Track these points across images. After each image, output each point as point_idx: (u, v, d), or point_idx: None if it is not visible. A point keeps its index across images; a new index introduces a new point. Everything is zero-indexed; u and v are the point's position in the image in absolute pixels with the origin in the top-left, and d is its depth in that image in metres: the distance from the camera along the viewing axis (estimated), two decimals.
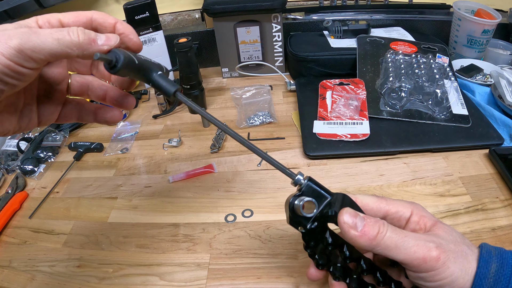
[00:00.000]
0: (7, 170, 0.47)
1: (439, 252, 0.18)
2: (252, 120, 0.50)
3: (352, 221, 0.20)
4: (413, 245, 0.19)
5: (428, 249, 0.19)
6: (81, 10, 0.22)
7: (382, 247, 0.19)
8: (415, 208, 0.22)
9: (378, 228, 0.19)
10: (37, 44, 0.17)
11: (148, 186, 0.41)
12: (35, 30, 0.18)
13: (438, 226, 0.21)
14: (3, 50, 0.17)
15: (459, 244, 0.20)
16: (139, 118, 0.56)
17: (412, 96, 0.46)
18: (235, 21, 0.57)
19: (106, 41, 0.19)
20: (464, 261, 0.19)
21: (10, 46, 0.17)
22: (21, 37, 0.17)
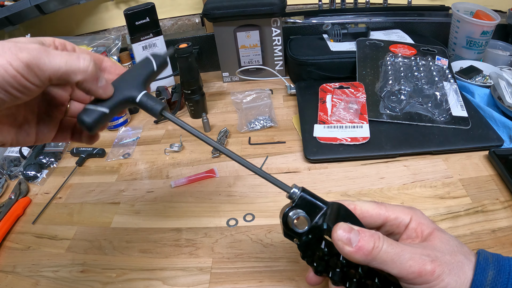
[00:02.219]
0: (10, 176, 0.47)
1: (434, 265, 0.19)
2: (252, 124, 0.50)
3: (346, 237, 0.20)
4: (408, 259, 0.19)
5: (423, 263, 0.19)
6: (81, 17, 0.23)
7: (378, 261, 0.19)
8: (414, 214, 0.22)
9: (374, 243, 0.19)
10: (46, 63, 0.18)
11: (150, 191, 0.42)
12: (47, 49, 0.18)
13: (435, 235, 0.21)
14: (12, 61, 0.17)
15: (455, 254, 0.20)
16: (141, 123, 0.56)
17: (411, 99, 0.47)
18: (235, 26, 0.58)
19: (105, 88, 0.21)
20: (460, 272, 0.19)
21: (20, 58, 0.17)
22: (32, 52, 0.18)
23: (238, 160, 0.22)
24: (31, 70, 0.18)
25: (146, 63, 0.23)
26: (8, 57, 0.17)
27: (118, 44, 0.64)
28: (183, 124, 0.23)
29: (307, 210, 0.22)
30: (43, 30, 0.72)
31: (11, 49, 0.17)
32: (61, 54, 0.19)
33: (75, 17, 0.71)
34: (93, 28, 0.74)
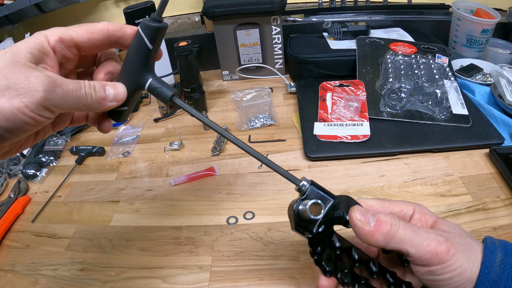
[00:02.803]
0: (9, 174, 0.47)
1: (448, 244, 0.19)
2: (252, 122, 0.50)
3: (364, 218, 0.20)
4: (425, 238, 0.19)
5: (438, 242, 0.19)
6: (80, 16, 0.22)
7: (397, 240, 0.19)
8: (417, 206, 0.23)
9: (391, 222, 0.20)
10: (60, 101, 0.18)
11: (150, 190, 0.42)
12: (59, 81, 0.18)
13: (440, 222, 0.22)
14: (29, 103, 0.17)
15: (464, 237, 0.20)
16: (140, 121, 0.56)
17: (412, 97, 0.46)
18: (235, 24, 0.58)
19: (114, 98, 0.21)
20: (471, 253, 0.19)
21: (36, 100, 0.17)
22: (46, 88, 0.18)
23: (248, 150, 0.22)
24: (47, 109, 0.18)
25: (139, 43, 0.21)
26: (24, 98, 0.17)
27: None
28: (192, 111, 0.22)
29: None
30: (42, 29, 0.71)
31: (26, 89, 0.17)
32: (73, 89, 0.19)
33: (75, 16, 0.71)
34: None
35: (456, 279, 0.19)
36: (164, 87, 0.22)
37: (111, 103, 0.21)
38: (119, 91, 0.21)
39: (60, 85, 0.18)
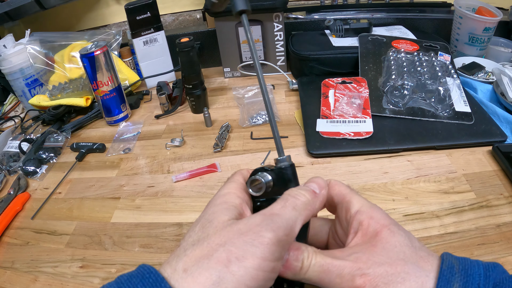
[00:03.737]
0: (9, 171, 0.47)
1: (364, 280, 0.17)
2: (254, 119, 0.50)
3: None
4: (336, 276, 0.18)
5: (351, 279, 0.17)
6: (81, 13, 0.20)
7: (307, 279, 0.18)
8: (366, 206, 0.20)
9: (302, 262, 0.18)
10: (287, 225, 0.17)
11: (151, 186, 0.41)
12: (270, 212, 0.17)
13: (381, 237, 0.18)
14: (262, 252, 0.15)
15: (399, 264, 0.17)
16: (141, 118, 0.56)
17: (414, 94, 0.46)
18: (236, 21, 0.57)
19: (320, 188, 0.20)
20: (402, 286, 0.16)
21: (265, 243, 0.16)
22: (270, 226, 0.16)
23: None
24: (282, 244, 0.16)
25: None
26: (254, 251, 0.15)
27: (119, 39, 0.64)
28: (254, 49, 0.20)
29: (278, 183, 0.20)
30: (43, 26, 0.71)
31: (246, 241, 0.15)
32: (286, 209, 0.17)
33: (76, 12, 0.71)
34: (93, 23, 0.73)
35: None
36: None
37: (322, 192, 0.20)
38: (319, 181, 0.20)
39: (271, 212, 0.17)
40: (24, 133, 0.54)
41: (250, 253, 0.15)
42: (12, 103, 0.64)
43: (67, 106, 0.55)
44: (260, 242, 0.15)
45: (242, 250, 0.15)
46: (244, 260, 0.15)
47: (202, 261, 0.15)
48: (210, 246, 0.16)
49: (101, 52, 0.49)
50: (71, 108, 0.57)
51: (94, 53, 0.48)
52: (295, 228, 0.17)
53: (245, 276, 0.15)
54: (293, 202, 0.18)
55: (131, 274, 0.16)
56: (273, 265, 0.16)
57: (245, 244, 0.16)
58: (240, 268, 0.15)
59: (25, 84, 0.58)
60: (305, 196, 0.19)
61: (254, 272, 0.15)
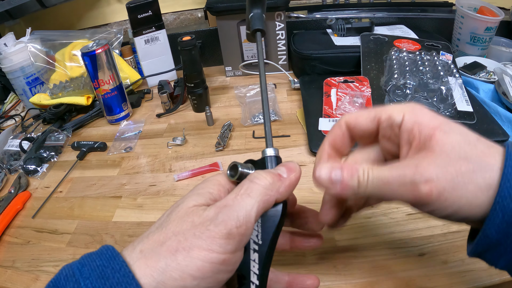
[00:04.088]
0: (10, 170, 0.46)
1: (428, 187, 0.16)
2: (256, 118, 0.50)
3: (327, 178, 0.18)
4: (397, 187, 0.16)
5: (414, 188, 0.16)
6: (82, 11, 0.20)
7: (370, 195, 0.18)
8: (409, 112, 0.18)
9: (357, 179, 0.17)
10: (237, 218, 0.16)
11: (152, 185, 0.41)
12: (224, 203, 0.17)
13: (435, 140, 0.17)
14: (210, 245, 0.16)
15: (462, 162, 0.16)
16: (143, 117, 0.56)
17: (416, 93, 0.46)
18: (238, 19, 0.57)
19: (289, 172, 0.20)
20: (469, 184, 0.16)
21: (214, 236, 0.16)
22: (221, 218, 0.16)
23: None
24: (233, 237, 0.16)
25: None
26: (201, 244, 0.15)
27: (120, 37, 0.64)
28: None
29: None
30: (44, 24, 0.71)
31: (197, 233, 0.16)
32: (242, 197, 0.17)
33: (77, 11, 0.71)
34: (94, 22, 0.73)
35: (453, 208, 0.16)
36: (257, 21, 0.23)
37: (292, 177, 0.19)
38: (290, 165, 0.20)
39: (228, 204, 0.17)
40: (25, 132, 0.54)
41: (197, 245, 0.16)
42: (13, 101, 0.64)
43: (68, 105, 0.55)
44: (207, 236, 0.16)
45: (190, 241, 0.16)
46: (190, 251, 0.15)
47: (156, 246, 0.16)
48: (166, 233, 0.17)
49: (103, 50, 0.48)
50: (72, 106, 0.56)
51: (96, 51, 0.48)
52: (250, 218, 0.17)
53: (190, 266, 0.15)
54: (248, 188, 0.18)
55: (92, 252, 0.17)
56: (223, 257, 0.16)
57: (194, 237, 0.16)
58: (186, 258, 0.15)
59: (25, 83, 0.58)
60: (265, 180, 0.18)
61: (200, 263, 0.15)
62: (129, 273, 0.15)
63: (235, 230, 0.16)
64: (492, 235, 0.16)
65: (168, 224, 0.17)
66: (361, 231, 0.32)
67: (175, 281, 0.15)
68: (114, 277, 0.15)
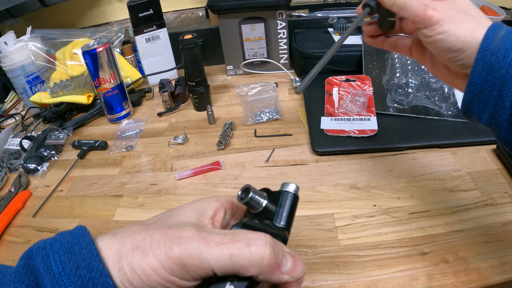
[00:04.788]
0: (10, 169, 0.46)
1: (433, 12, 0.22)
2: (258, 117, 0.49)
3: None
4: (416, 5, 0.23)
5: (425, 9, 0.22)
6: (83, 10, 0.20)
7: (396, 6, 0.23)
8: None
9: None
10: (203, 260, 0.15)
11: (154, 184, 0.41)
12: (206, 236, 0.16)
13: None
14: (164, 260, 0.15)
15: (463, 13, 0.22)
16: (144, 115, 0.55)
17: (418, 92, 0.46)
18: (240, 18, 0.57)
19: (291, 271, 0.16)
20: (466, 24, 0.22)
21: (172, 257, 0.15)
22: (187, 247, 0.15)
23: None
24: (187, 270, 0.15)
25: None
26: (158, 255, 0.15)
27: (121, 36, 0.63)
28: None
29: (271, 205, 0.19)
30: (44, 23, 0.71)
31: (160, 243, 0.16)
32: (223, 246, 0.15)
33: (77, 10, 0.70)
34: (95, 21, 0.73)
35: (446, 41, 0.22)
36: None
37: (282, 276, 0.16)
38: (299, 265, 0.17)
39: (206, 239, 0.16)
40: (25, 131, 0.54)
41: (155, 253, 0.16)
42: (13, 100, 0.63)
43: (68, 104, 0.55)
44: (165, 252, 0.16)
45: (151, 247, 0.16)
46: (147, 254, 0.16)
47: (126, 236, 0.17)
48: (143, 228, 0.17)
49: (103, 49, 0.48)
50: (73, 105, 0.56)
51: (96, 50, 0.48)
52: (211, 271, 0.16)
53: (141, 268, 0.15)
54: (237, 248, 0.15)
55: (67, 230, 0.17)
56: (171, 278, 0.15)
57: (158, 244, 0.16)
58: (140, 260, 0.16)
59: (26, 82, 0.58)
60: (260, 257, 0.15)
61: (148, 270, 0.15)
62: (94, 250, 0.16)
63: (193, 267, 0.15)
64: (476, 82, 0.22)
65: (152, 225, 0.17)
66: (364, 230, 0.32)
67: (124, 273, 0.15)
68: (80, 253, 0.16)
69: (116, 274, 0.15)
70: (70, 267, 0.15)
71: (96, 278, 0.15)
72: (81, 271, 0.15)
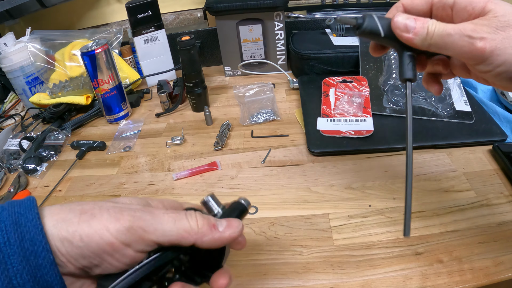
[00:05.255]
0: (9, 169, 0.47)
1: (483, 43, 0.18)
2: (255, 117, 0.50)
3: (403, 24, 0.20)
4: (459, 38, 0.19)
5: (471, 43, 0.19)
6: (82, 11, 0.21)
7: (434, 46, 0.20)
8: None
9: (427, 28, 0.20)
10: (151, 222, 0.17)
11: (151, 184, 0.41)
12: (152, 209, 0.18)
13: (488, 8, 0.19)
14: (110, 225, 0.16)
15: (510, 28, 0.18)
16: (142, 116, 0.56)
17: (415, 93, 0.46)
18: (237, 20, 0.57)
19: (228, 229, 0.19)
20: None
21: (119, 222, 0.16)
22: (134, 214, 0.17)
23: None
24: (132, 236, 0.16)
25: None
26: (107, 218, 0.16)
27: (120, 37, 0.64)
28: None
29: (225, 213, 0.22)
30: (44, 24, 0.71)
31: (110, 210, 0.17)
32: (168, 215, 0.18)
33: (76, 11, 0.71)
34: (94, 22, 0.73)
35: (509, 72, 0.19)
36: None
37: (223, 233, 0.19)
38: (233, 222, 0.20)
39: (152, 210, 0.17)
40: (25, 131, 0.54)
41: (101, 218, 0.17)
42: (13, 101, 0.64)
43: (67, 104, 0.55)
44: (114, 216, 0.17)
45: (101, 212, 0.17)
46: (93, 218, 0.16)
47: (75, 204, 0.18)
48: (92, 202, 0.18)
49: (102, 50, 0.49)
50: (72, 106, 0.57)
51: (95, 51, 0.48)
52: (153, 234, 0.17)
53: (84, 229, 0.16)
54: (178, 217, 0.18)
55: (17, 199, 0.18)
56: (112, 240, 0.16)
57: (108, 210, 0.17)
58: (85, 222, 0.16)
59: (25, 82, 0.58)
60: (195, 222, 0.18)
61: (91, 231, 0.16)
62: (39, 225, 0.16)
63: (138, 230, 0.17)
64: None
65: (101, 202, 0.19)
66: (358, 230, 0.32)
67: (67, 233, 0.16)
68: (25, 226, 0.16)
69: (56, 233, 0.16)
70: (15, 238, 0.16)
71: (38, 252, 0.16)
72: (25, 243, 0.16)
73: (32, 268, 0.15)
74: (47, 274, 0.16)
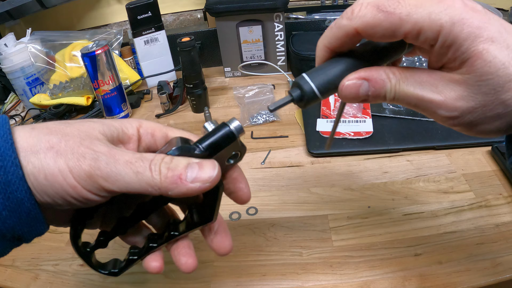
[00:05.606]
0: None
1: (452, 122, 0.16)
2: (255, 118, 0.50)
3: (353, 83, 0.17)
4: (424, 109, 0.17)
5: (441, 118, 0.16)
6: (82, 12, 0.21)
7: (398, 101, 0.17)
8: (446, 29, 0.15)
9: (385, 95, 0.17)
10: (111, 174, 0.16)
11: None
12: (116, 154, 0.16)
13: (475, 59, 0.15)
14: (74, 168, 0.15)
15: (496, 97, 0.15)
16: (142, 117, 0.56)
17: None
18: (237, 21, 0.57)
19: (198, 176, 0.16)
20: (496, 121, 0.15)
21: (82, 167, 0.16)
22: (96, 162, 0.16)
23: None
24: (94, 183, 0.16)
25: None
26: (70, 159, 0.16)
27: (120, 38, 0.64)
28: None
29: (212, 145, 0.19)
30: (44, 25, 0.71)
31: (74, 150, 0.16)
32: (130, 161, 0.16)
33: (77, 12, 0.71)
34: (94, 23, 0.73)
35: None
36: None
37: (192, 185, 0.16)
38: (206, 169, 0.17)
39: (116, 157, 0.16)
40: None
41: (66, 157, 0.16)
42: (13, 102, 0.64)
43: (68, 105, 0.56)
44: (77, 159, 0.16)
45: (65, 151, 0.16)
46: (57, 156, 0.16)
47: (43, 133, 0.17)
48: (60, 130, 0.17)
49: (102, 51, 0.49)
50: (72, 107, 0.57)
51: (95, 52, 0.48)
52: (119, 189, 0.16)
53: (48, 166, 0.16)
54: (141, 167, 0.16)
55: None
56: (76, 185, 0.16)
57: (72, 150, 0.16)
58: (51, 159, 0.16)
59: (26, 83, 0.58)
60: (158, 175, 0.16)
61: (56, 171, 0.16)
62: (9, 140, 0.16)
63: (99, 179, 0.16)
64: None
65: (71, 124, 0.18)
66: (357, 231, 0.32)
67: (33, 167, 0.16)
68: None
69: (25, 165, 0.16)
70: None
71: (7, 167, 0.15)
72: None
73: (1, 184, 0.15)
74: (16, 190, 0.15)
